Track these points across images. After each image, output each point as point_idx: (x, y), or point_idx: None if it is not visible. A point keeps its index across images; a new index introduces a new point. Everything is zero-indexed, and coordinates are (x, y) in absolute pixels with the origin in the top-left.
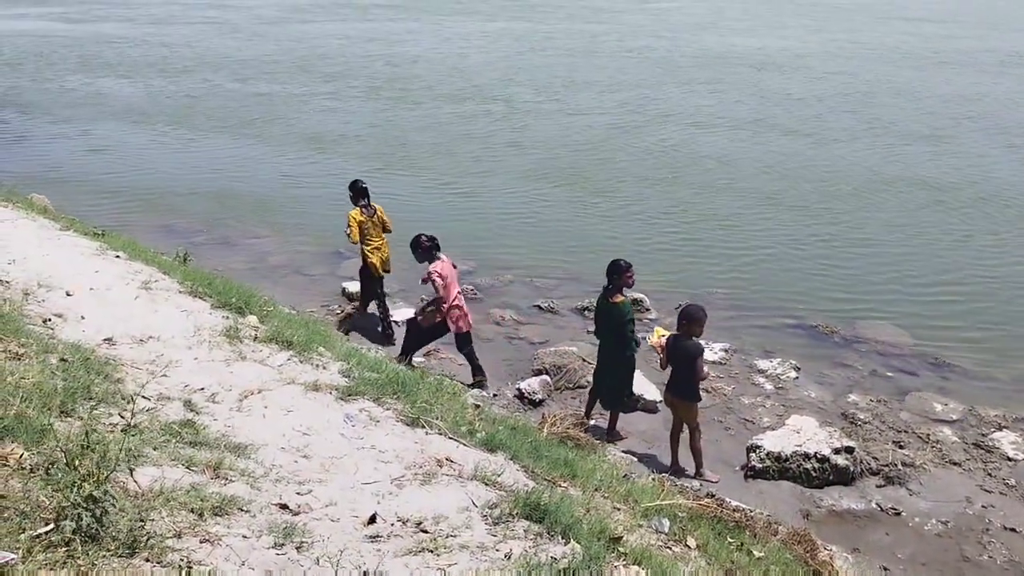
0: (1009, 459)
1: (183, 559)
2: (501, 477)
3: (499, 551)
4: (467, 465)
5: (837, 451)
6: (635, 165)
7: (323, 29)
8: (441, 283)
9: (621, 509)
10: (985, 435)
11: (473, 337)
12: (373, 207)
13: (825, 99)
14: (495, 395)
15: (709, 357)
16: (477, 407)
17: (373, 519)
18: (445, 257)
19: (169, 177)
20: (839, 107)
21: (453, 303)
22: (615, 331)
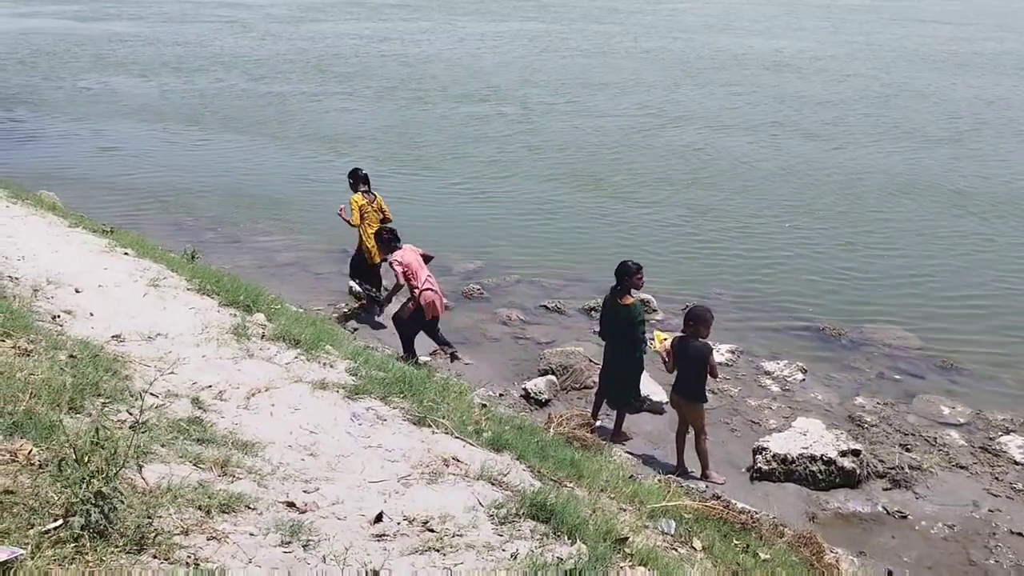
0: (1016, 463)
1: (190, 556)
2: (507, 477)
3: (505, 551)
4: (473, 464)
5: (844, 453)
6: (649, 167)
7: (336, 29)
8: (401, 270)
9: (627, 510)
10: (992, 439)
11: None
12: (374, 194)
13: (843, 102)
14: (501, 395)
15: (716, 359)
16: (484, 406)
17: (379, 518)
18: (406, 246)
19: (180, 176)
20: (857, 110)
21: (424, 287)
22: (625, 333)
